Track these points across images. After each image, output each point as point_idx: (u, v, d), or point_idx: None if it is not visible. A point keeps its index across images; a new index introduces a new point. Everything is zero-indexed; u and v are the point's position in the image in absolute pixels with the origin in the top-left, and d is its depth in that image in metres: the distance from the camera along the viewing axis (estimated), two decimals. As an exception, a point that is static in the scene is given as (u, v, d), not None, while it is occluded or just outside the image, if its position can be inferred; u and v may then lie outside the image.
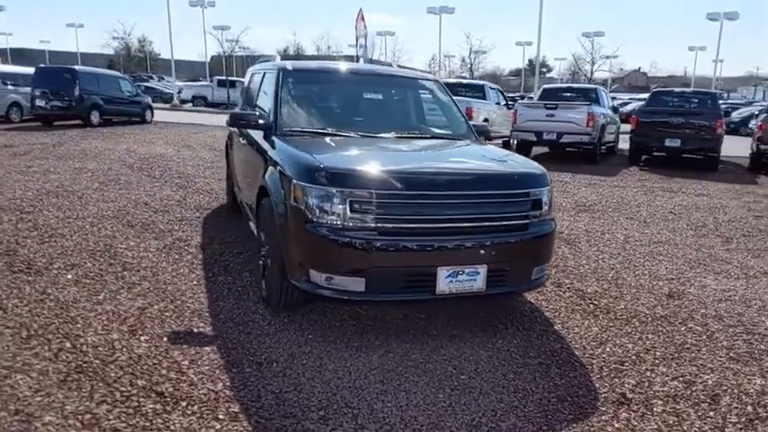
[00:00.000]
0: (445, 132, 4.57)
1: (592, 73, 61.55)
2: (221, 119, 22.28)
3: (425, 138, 4.45)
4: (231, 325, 3.51)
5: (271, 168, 3.81)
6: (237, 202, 6.06)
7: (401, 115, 4.78)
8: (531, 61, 76.79)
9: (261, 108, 4.99)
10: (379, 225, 3.15)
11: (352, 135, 4.19)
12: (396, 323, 3.63)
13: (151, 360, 3.02)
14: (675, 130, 12.39)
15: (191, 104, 29.45)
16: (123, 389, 2.72)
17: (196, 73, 59.89)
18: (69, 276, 4.21)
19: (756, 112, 17.41)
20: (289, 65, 4.66)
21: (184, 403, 2.63)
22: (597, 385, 2.98)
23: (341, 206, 3.13)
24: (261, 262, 4.03)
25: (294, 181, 3.30)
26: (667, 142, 12.46)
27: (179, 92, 29.92)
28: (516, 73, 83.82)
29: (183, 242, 5.24)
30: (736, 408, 2.80)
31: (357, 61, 19.62)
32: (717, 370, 3.20)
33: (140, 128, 16.95)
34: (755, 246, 6.15)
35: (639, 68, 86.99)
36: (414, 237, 3.17)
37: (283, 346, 3.26)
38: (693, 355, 3.37)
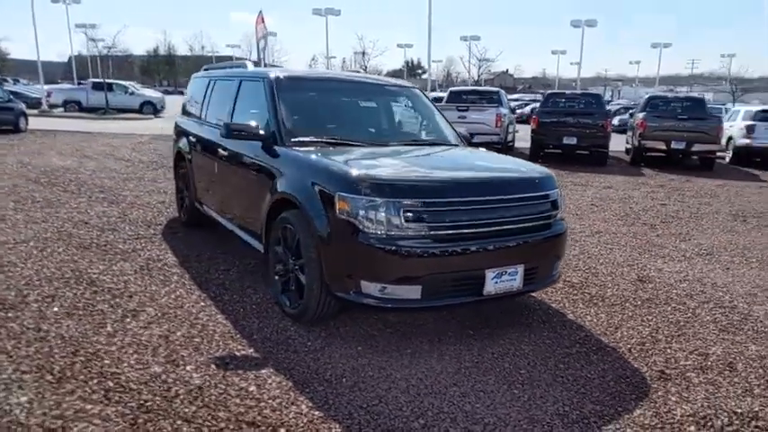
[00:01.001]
0: (440, 138, 4.72)
1: (479, 75, 64.95)
2: (107, 125, 20.93)
3: (428, 144, 4.57)
4: (272, 344, 3.39)
5: (290, 180, 3.73)
6: (199, 215, 5.79)
7: (396, 123, 4.85)
8: (408, 62, 79.52)
9: (239, 119, 4.80)
10: (432, 232, 3.23)
11: (360, 144, 4.20)
12: (430, 327, 3.72)
13: (215, 389, 2.85)
14: (572, 129, 13.60)
15: (62, 109, 26.78)
16: (210, 423, 2.56)
17: (53, 75, 54.60)
18: (56, 309, 3.79)
19: (627, 110, 19.40)
20: (280, 73, 4.54)
21: (283, 430, 2.54)
22: (636, 365, 3.30)
23: (395, 216, 3.17)
24: (278, 277, 3.93)
25: (340, 193, 3.27)
26: (565, 140, 13.62)
27: (48, 96, 27.07)
28: (395, 74, 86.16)
29: (159, 262, 4.90)
30: (752, 372, 3.26)
31: (260, 64, 19.13)
32: (717, 342, 3.67)
33: (18, 137, 15.18)
34: (677, 230, 7.00)
35: (507, 70, 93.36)
36: (463, 241, 3.29)
37: (340, 360, 3.22)
38: (692, 330, 3.84)
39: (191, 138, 5.73)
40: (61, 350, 3.20)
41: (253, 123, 4.19)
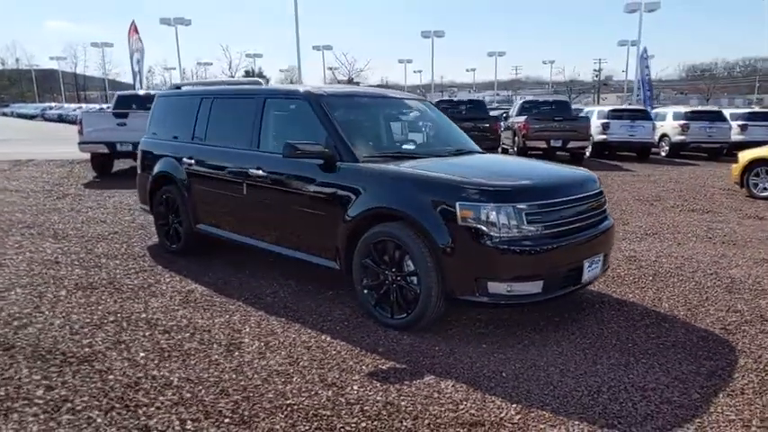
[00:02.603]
0: (469, 146, 5.05)
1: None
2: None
3: (469, 153, 4.86)
4: (404, 354, 3.47)
5: (384, 194, 3.82)
6: (197, 241, 5.52)
7: (432, 134, 5.08)
8: (248, 72, 77.94)
9: (270, 138, 4.72)
10: (546, 231, 3.57)
11: (417, 155, 4.40)
12: (518, 320, 4.04)
13: (406, 401, 2.91)
14: (469, 133, 14.67)
15: None
16: (442, 430, 2.64)
17: None
18: (142, 354, 3.47)
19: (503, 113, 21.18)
20: (319, 90, 4.54)
21: (508, 424, 2.71)
22: (701, 326, 3.95)
23: (518, 219, 3.46)
24: (366, 291, 3.99)
25: (462, 202, 3.47)
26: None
27: None
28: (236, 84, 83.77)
29: (190, 293, 4.61)
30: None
31: (135, 78, 17.66)
32: (735, 300, 4.48)
33: None
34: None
35: (351, 79, 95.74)
36: (567, 236, 3.68)
37: (479, 359, 3.42)
38: (709, 294, 4.62)
39: (186, 161, 5.40)
40: (207, 391, 3.00)
41: (314, 143, 4.18)
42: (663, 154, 18.31)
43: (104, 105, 26.52)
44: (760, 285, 4.86)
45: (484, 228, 3.44)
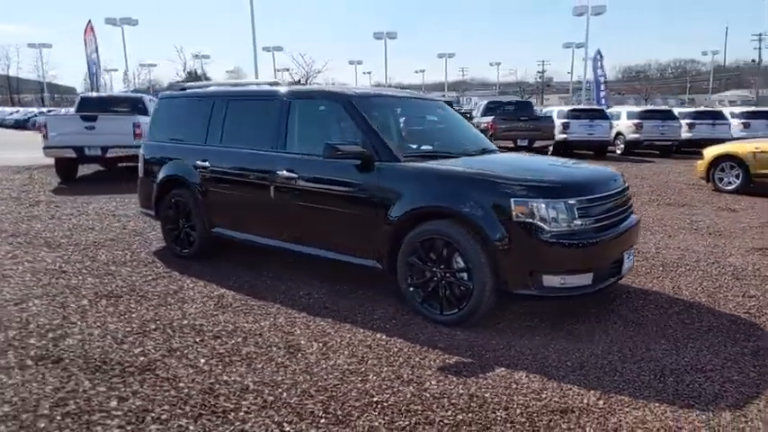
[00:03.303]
0: (489, 145, 5.17)
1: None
2: None
3: (492, 152, 4.97)
4: (465, 349, 3.53)
5: (431, 192, 3.89)
6: (212, 245, 5.45)
7: (455, 134, 5.16)
8: (190, 73, 76.03)
9: (297, 140, 4.71)
10: (594, 225, 3.73)
11: (450, 154, 4.50)
12: (559, 312, 4.19)
13: (489, 393, 2.98)
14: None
15: None
16: (536, 419, 2.73)
17: None
18: (202, 360, 3.40)
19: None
20: (351, 91, 4.56)
21: (595, 409, 2.83)
22: (728, 312, 4.21)
23: (571, 214, 3.60)
24: (413, 289, 4.05)
25: (516, 199, 3.58)
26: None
27: None
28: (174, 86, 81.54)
29: (222, 297, 4.52)
30: (792, 302, 4.41)
31: (92, 81, 16.89)
32: (745, 286, 4.79)
33: None
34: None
35: (300, 80, 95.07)
36: (610, 230, 3.85)
37: (538, 350, 3.54)
38: (720, 283, 4.92)
39: (200, 164, 5.28)
40: (288, 394, 2.98)
41: (353, 143, 4.20)
42: (618, 152, 19.13)
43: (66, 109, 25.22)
44: (761, 272, 5.21)
45: (539, 223, 3.56)
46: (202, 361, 3.39)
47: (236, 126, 5.17)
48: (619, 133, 19.05)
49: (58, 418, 2.75)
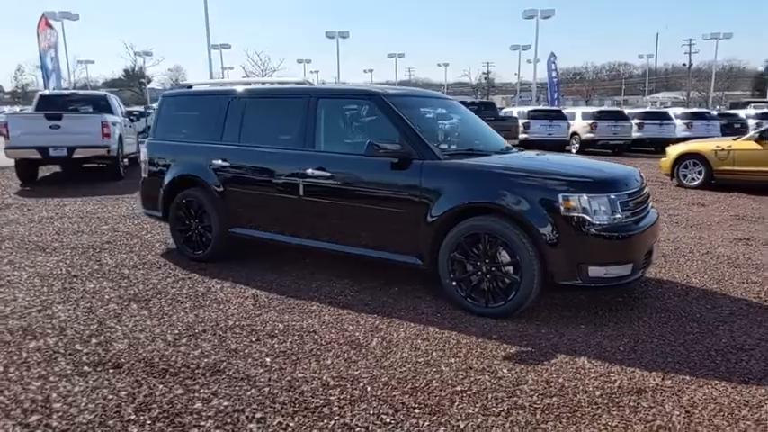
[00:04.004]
0: (506, 144, 5.35)
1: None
2: None
3: (513, 150, 5.14)
4: (519, 339, 3.67)
5: (478, 189, 4.01)
6: (229, 246, 5.42)
7: (477, 133, 5.29)
8: (128, 71, 73.26)
9: (325, 139, 4.74)
10: (631, 218, 3.95)
11: (483, 151, 4.64)
12: (593, 301, 4.41)
13: (564, 377, 3.13)
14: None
15: None
16: (614, 412, 2.90)
17: None
18: (269, 359, 3.40)
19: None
20: (383, 90, 4.62)
21: (663, 390, 3.03)
22: (740, 296, 4.54)
23: (614, 208, 3.81)
24: (455, 283, 4.15)
25: (566, 194, 3.76)
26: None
27: None
28: (113, 83, 78.59)
29: (256, 298, 4.50)
30: (792, 286, 4.80)
31: (46, 79, 15.97)
32: (748, 274, 5.17)
33: None
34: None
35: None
36: (643, 222, 4.09)
37: (587, 337, 3.72)
38: (722, 271, 5.29)
39: (216, 163, 5.20)
40: (372, 387, 3.03)
41: (393, 142, 4.28)
42: (573, 151, 19.92)
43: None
44: (753, 261, 5.63)
45: (586, 216, 3.74)
46: (268, 360, 3.37)
47: (257, 125, 5.12)
48: (574, 133, 19.84)
49: (149, 422, 2.69)
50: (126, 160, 12.58)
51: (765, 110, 26.82)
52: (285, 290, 4.66)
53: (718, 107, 42.41)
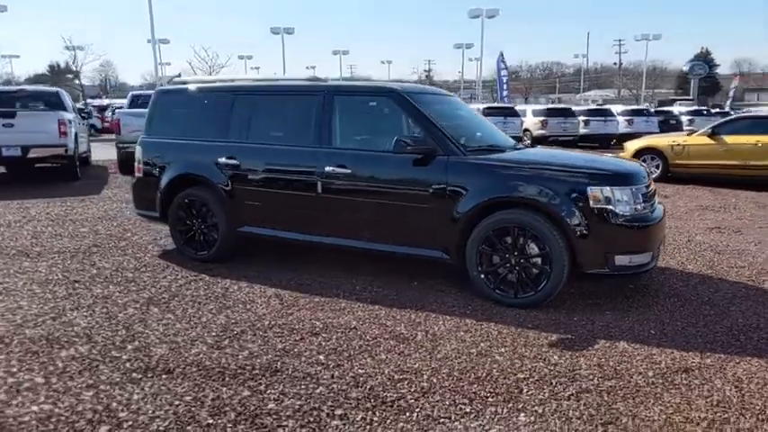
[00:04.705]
0: (514, 141, 5.50)
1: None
2: None
3: (521, 146, 5.30)
4: (564, 328, 3.83)
5: (506, 183, 4.13)
6: (236, 245, 5.34)
7: (484, 129, 5.39)
8: (53, 66, 69.50)
9: (341, 136, 4.74)
10: (648, 210, 4.18)
11: (499, 147, 4.77)
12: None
13: (610, 361, 3.29)
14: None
15: None
16: (673, 393, 3.08)
17: None
18: (322, 357, 3.39)
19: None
20: (402, 87, 4.65)
21: (730, 368, 3.25)
22: (751, 283, 4.87)
23: (637, 199, 4.03)
24: (483, 276, 4.26)
25: (593, 187, 3.93)
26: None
27: None
28: (37, 79, 74.40)
29: (278, 297, 4.45)
30: (776, 270, 5.21)
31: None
32: (740, 258, 5.56)
33: None
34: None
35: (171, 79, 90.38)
36: (656, 213, 4.32)
37: (618, 323, 3.91)
38: (717, 259, 5.66)
39: (224, 161, 5.08)
40: (438, 379, 3.08)
41: (420, 137, 4.33)
42: None
43: None
44: (731, 247, 6.05)
45: (612, 208, 3.93)
46: (321, 357, 3.36)
47: (267, 121, 5.04)
48: (526, 129, 20.47)
49: (230, 426, 2.64)
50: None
51: (695, 107, 28.65)
52: (307, 288, 4.62)
53: (647, 104, 44.89)
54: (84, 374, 3.14)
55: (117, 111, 12.14)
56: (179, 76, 8.75)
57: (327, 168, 4.64)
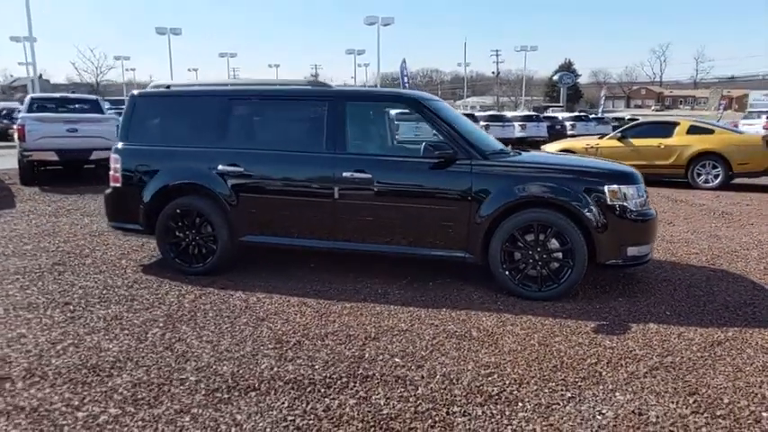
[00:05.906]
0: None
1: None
2: None
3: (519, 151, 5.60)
4: (586, 315, 4.15)
5: (530, 184, 4.39)
6: (235, 256, 5.17)
7: (481, 136, 5.60)
8: None
9: (355, 142, 4.79)
10: (647, 205, 4.67)
11: (508, 151, 5.06)
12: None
13: (653, 341, 3.67)
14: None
15: None
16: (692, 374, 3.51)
17: None
18: (398, 360, 3.43)
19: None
20: (417, 94, 4.77)
21: (737, 341, 3.72)
22: (758, 278, 5.54)
23: (642, 196, 4.49)
24: (507, 272, 4.50)
25: (611, 185, 4.33)
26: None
27: None
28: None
29: (306, 305, 4.39)
30: None
31: None
32: (737, 253, 6.31)
33: None
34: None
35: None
36: (651, 210, 4.83)
37: (635, 315, 4.34)
38: (714, 253, 6.38)
39: (224, 168, 4.87)
40: (529, 369, 3.26)
41: (447, 143, 4.50)
42: None
43: None
44: (675, 236, 6.85)
45: (626, 204, 4.36)
46: (399, 360, 3.39)
47: (271, 127, 4.94)
48: None
49: (361, 433, 2.61)
50: None
51: (576, 114, 31.49)
52: (330, 294, 4.57)
53: (523, 110, 48.65)
54: (163, 399, 2.92)
55: (21, 116, 10.96)
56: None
57: (345, 174, 4.62)
